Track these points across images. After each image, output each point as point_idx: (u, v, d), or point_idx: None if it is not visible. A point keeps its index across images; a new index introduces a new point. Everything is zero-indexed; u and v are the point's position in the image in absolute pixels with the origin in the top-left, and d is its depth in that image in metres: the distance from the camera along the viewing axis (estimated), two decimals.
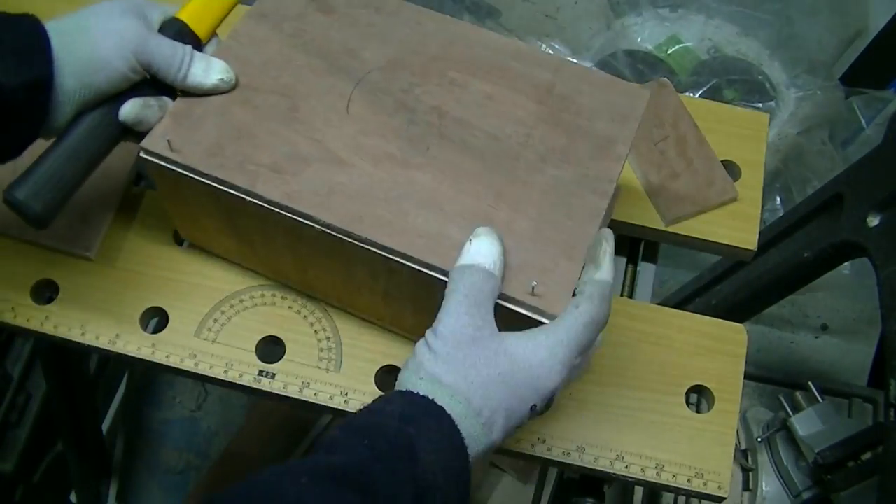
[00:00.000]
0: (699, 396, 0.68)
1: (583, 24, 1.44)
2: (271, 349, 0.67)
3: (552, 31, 1.44)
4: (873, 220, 0.84)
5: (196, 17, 0.59)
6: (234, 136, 0.57)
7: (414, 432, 0.45)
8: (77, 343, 0.66)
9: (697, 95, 1.35)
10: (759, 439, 1.08)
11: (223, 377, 0.65)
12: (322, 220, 0.54)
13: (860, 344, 1.46)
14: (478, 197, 0.56)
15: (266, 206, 0.55)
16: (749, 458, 1.08)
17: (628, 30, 1.43)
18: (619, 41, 1.43)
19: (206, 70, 0.57)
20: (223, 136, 0.57)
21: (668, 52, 1.43)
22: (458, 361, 0.48)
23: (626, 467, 0.63)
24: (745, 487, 1.06)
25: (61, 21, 0.53)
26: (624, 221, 0.73)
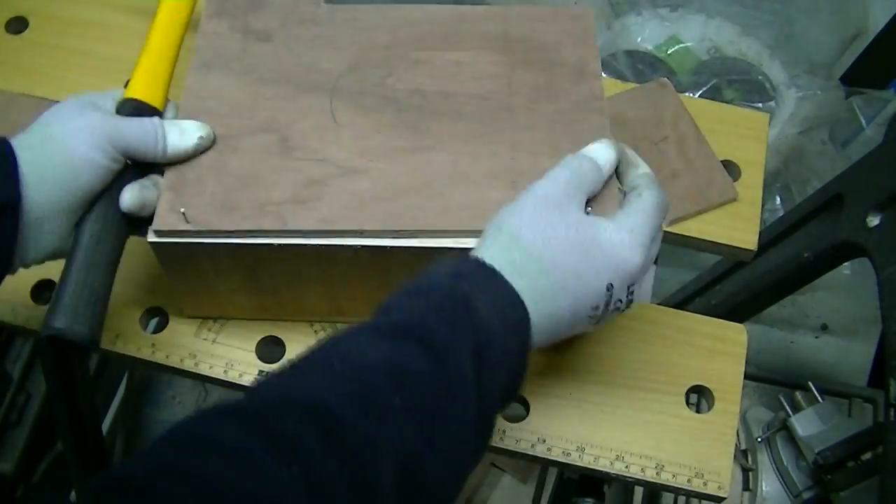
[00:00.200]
0: (699, 396, 0.68)
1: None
2: (271, 349, 0.67)
3: None
4: (873, 220, 0.84)
5: (145, 90, 0.57)
6: (240, 186, 0.56)
7: (468, 287, 0.46)
8: None
9: (697, 95, 1.35)
10: (759, 439, 1.08)
11: (223, 377, 0.65)
12: (368, 230, 0.54)
13: (860, 344, 1.46)
14: (495, 155, 0.57)
15: (299, 241, 0.54)
16: (749, 458, 1.08)
17: (628, 30, 1.43)
18: (619, 41, 1.43)
19: (183, 134, 0.56)
20: (230, 190, 0.55)
21: (668, 52, 1.43)
22: (540, 218, 0.49)
23: (626, 467, 0.63)
24: (745, 487, 1.06)
25: (27, 134, 0.52)
26: None
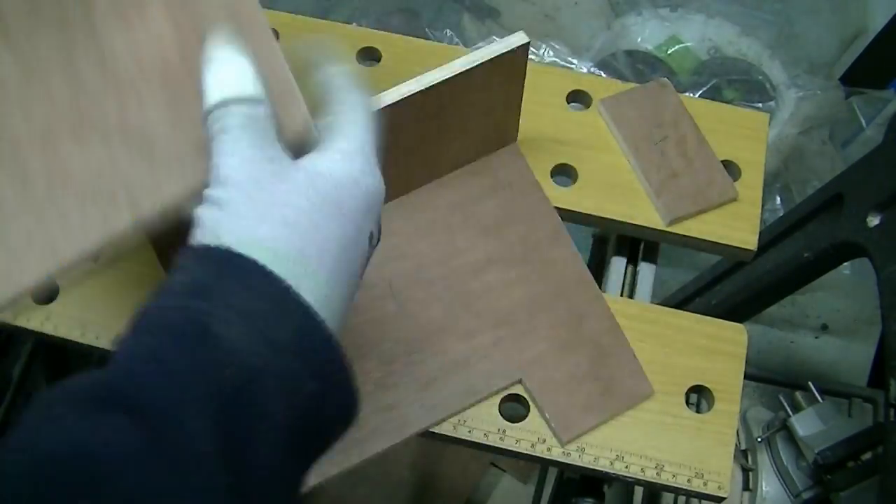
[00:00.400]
0: (699, 396, 0.68)
1: (582, 24, 1.44)
2: None
3: (552, 31, 1.44)
4: (873, 220, 0.84)
5: None
6: None
7: (207, 307, 0.33)
8: (77, 343, 0.66)
9: (697, 95, 1.35)
10: (759, 439, 1.08)
11: None
12: None
13: (860, 344, 1.46)
14: None
15: None
16: (749, 458, 1.08)
17: (628, 30, 1.43)
18: (619, 41, 1.43)
19: None
20: None
21: (668, 52, 1.43)
22: (265, 203, 0.35)
23: (626, 467, 0.63)
24: (745, 487, 1.06)
25: None
26: (624, 221, 0.73)
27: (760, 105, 1.38)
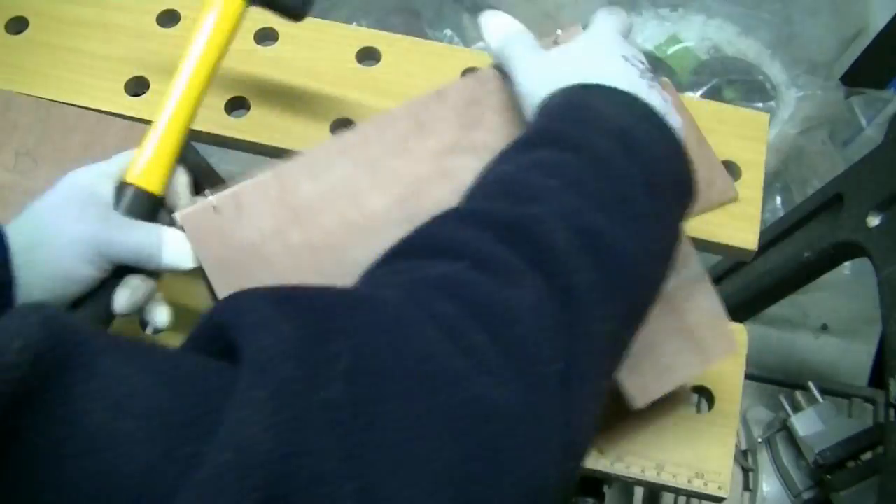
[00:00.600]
0: (699, 396, 0.68)
1: (583, 24, 1.44)
2: None
3: (552, 31, 1.44)
4: (873, 220, 0.85)
5: (147, 176, 0.53)
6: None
7: (581, 95, 0.46)
8: None
9: (697, 95, 1.35)
10: (759, 439, 1.08)
11: None
12: None
13: (860, 344, 1.46)
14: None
15: None
16: (749, 458, 1.08)
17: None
18: None
19: (179, 257, 0.50)
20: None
21: (668, 52, 1.43)
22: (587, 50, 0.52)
23: (627, 467, 0.63)
24: (745, 487, 1.06)
25: (19, 231, 0.48)
26: None
27: (760, 105, 1.38)
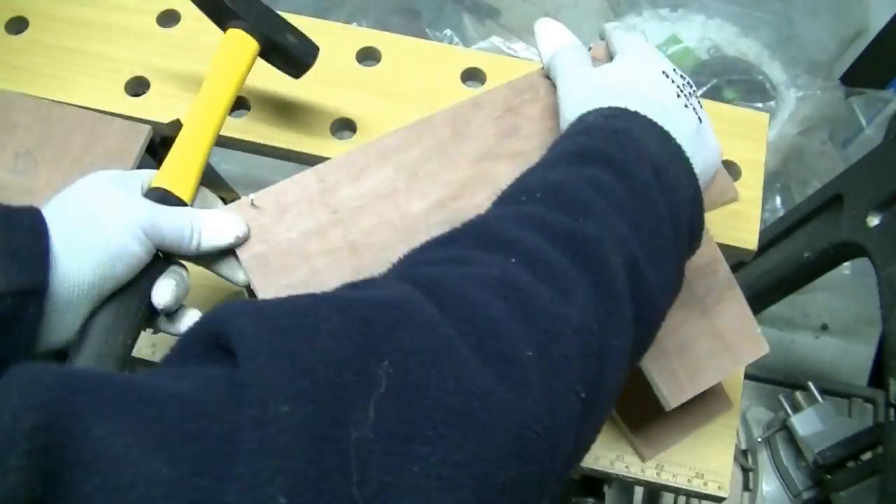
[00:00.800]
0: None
1: (583, 23, 1.44)
2: None
3: None
4: (873, 220, 0.85)
5: (176, 181, 0.53)
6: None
7: (622, 123, 0.47)
8: None
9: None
10: (759, 439, 1.08)
11: None
12: None
13: (860, 344, 1.46)
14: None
15: None
16: (749, 458, 1.08)
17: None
18: None
19: (217, 234, 0.51)
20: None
21: (668, 53, 1.43)
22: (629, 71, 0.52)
23: (627, 467, 0.63)
24: (745, 487, 1.06)
25: (61, 208, 0.48)
26: None
27: (760, 105, 1.38)
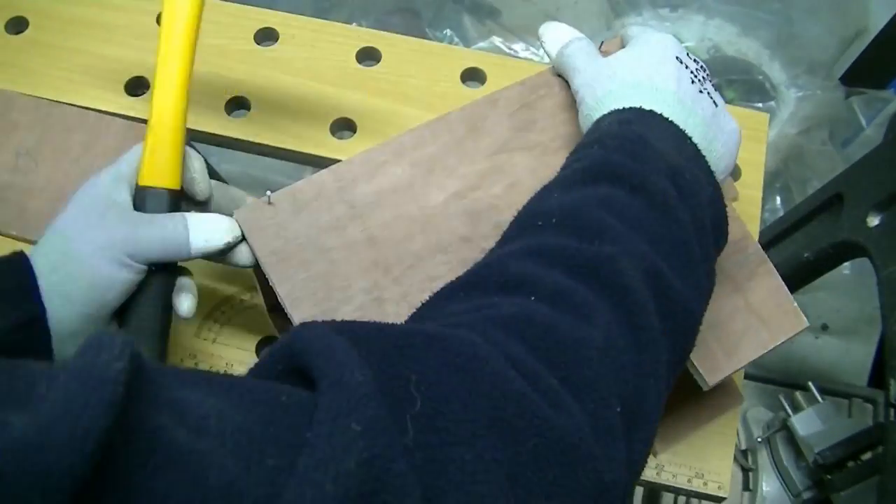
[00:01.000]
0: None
1: (583, 24, 1.44)
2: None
3: None
4: (873, 220, 0.85)
5: (158, 175, 0.52)
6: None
7: (638, 129, 0.47)
8: None
9: None
10: (759, 439, 1.08)
11: None
12: None
13: (860, 344, 1.46)
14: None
15: None
16: (749, 458, 1.08)
17: (628, 30, 1.44)
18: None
19: (209, 240, 0.50)
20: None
21: None
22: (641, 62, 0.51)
23: None
24: (745, 487, 1.06)
25: (45, 248, 0.49)
26: None
27: (760, 105, 1.38)
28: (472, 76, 0.78)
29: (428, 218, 0.53)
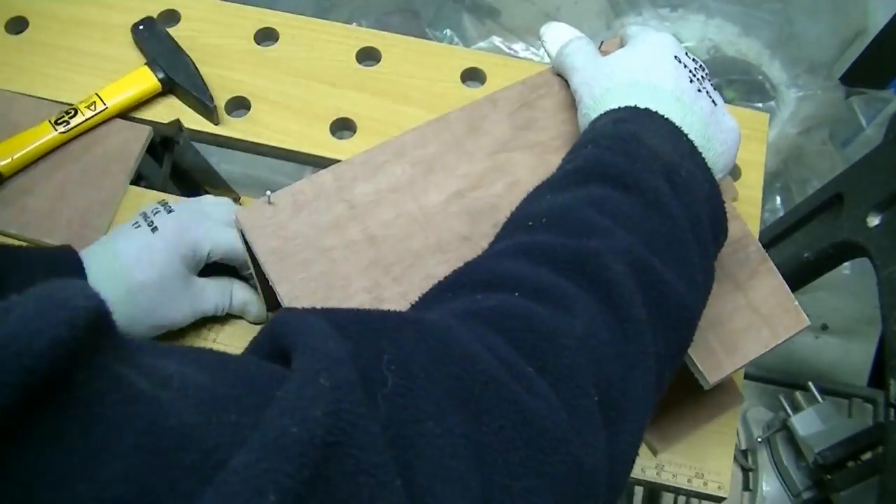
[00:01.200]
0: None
1: (583, 24, 1.44)
2: None
3: None
4: (873, 220, 0.85)
5: None
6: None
7: (632, 127, 0.47)
8: None
9: None
10: (759, 439, 1.08)
11: None
12: None
13: (860, 344, 1.46)
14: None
15: None
16: (749, 458, 1.08)
17: (627, 29, 1.44)
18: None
19: (245, 304, 0.65)
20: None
21: None
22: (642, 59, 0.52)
23: None
24: (745, 487, 1.06)
25: (105, 279, 0.57)
26: None
27: (760, 105, 1.38)
28: (472, 76, 0.78)
29: (428, 217, 0.53)
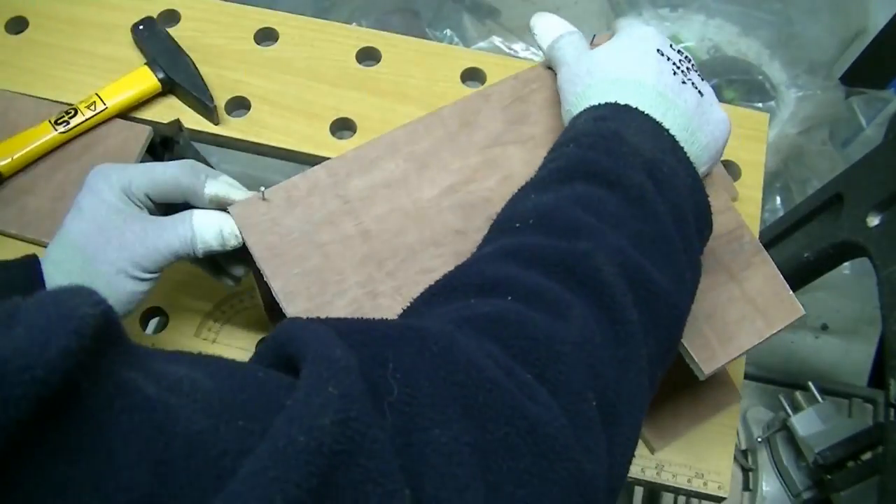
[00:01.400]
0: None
1: (583, 24, 1.44)
2: None
3: None
4: (873, 220, 0.85)
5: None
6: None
7: (613, 125, 0.46)
8: None
9: None
10: (759, 439, 1.08)
11: None
12: None
13: (860, 344, 1.46)
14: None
15: None
16: (749, 458, 1.08)
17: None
18: None
19: (214, 236, 0.51)
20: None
21: None
22: (628, 56, 0.52)
23: None
24: (745, 487, 1.06)
25: (59, 260, 0.50)
26: None
27: (760, 105, 1.38)
28: (472, 76, 0.78)
29: (421, 212, 0.53)
